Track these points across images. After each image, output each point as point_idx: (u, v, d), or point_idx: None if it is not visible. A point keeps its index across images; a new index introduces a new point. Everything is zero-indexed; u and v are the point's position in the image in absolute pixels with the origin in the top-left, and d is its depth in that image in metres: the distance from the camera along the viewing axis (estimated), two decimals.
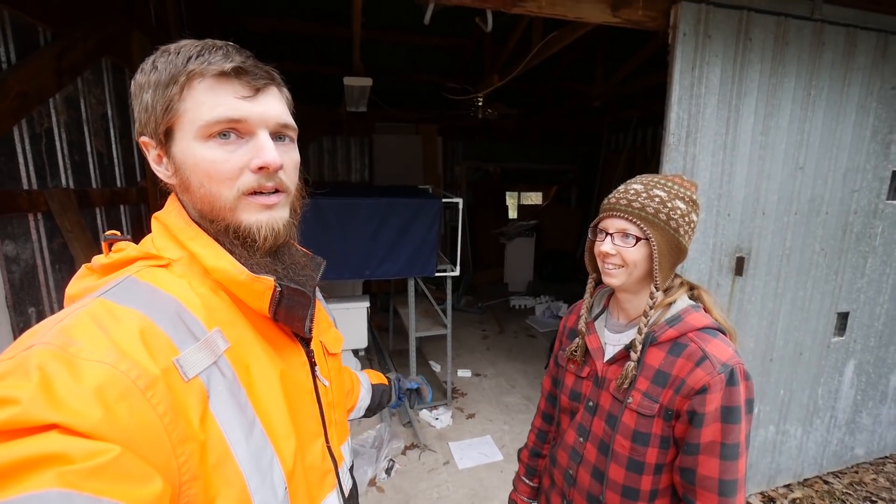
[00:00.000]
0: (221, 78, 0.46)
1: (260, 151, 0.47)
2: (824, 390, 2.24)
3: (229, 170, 0.46)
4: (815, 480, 2.33)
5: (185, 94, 0.45)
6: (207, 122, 0.45)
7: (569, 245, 6.13)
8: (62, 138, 1.67)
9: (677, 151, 1.76)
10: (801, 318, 2.10)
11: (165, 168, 0.49)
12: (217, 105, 0.45)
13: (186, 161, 0.47)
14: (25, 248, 1.51)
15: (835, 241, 2.07)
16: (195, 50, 0.46)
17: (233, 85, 0.46)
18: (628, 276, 0.78)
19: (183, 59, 0.46)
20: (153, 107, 0.46)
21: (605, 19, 1.71)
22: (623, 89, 3.77)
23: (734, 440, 0.70)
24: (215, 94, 0.46)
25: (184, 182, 0.48)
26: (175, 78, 0.45)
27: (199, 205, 0.49)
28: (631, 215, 0.76)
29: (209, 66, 0.45)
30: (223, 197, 0.47)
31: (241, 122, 0.46)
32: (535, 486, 1.07)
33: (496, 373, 3.59)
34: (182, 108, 0.46)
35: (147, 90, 0.47)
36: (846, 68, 1.91)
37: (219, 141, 0.46)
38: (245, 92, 0.47)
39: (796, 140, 1.91)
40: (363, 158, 5.21)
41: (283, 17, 3.28)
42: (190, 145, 0.46)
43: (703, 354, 0.73)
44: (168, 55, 0.47)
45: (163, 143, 0.48)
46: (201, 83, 0.45)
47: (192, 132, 0.46)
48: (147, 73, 0.47)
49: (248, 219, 0.49)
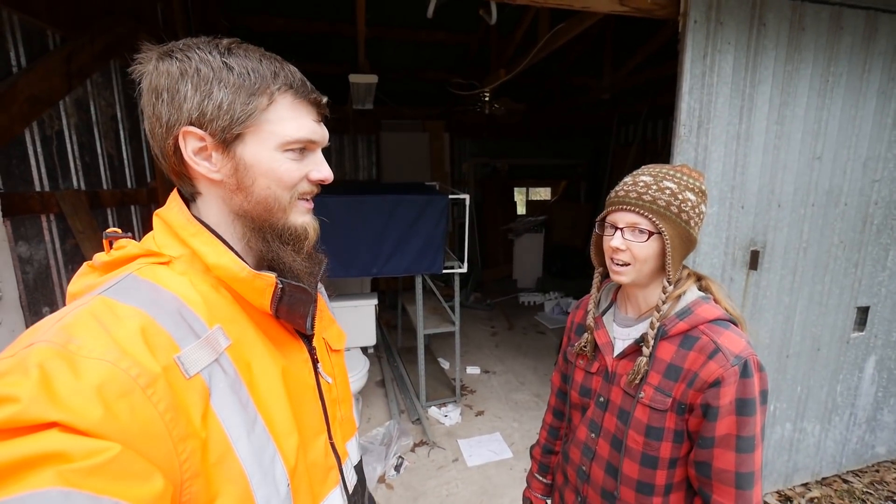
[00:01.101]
0: (301, 99, 0.51)
1: (320, 166, 0.54)
2: (843, 387, 2.18)
3: (297, 178, 0.52)
4: (833, 479, 2.27)
5: (271, 107, 0.49)
6: (294, 140, 0.50)
7: (578, 241, 6.07)
8: (73, 140, 1.70)
9: (689, 143, 1.72)
10: (819, 312, 2.04)
11: (212, 164, 0.48)
12: (302, 126, 0.51)
13: (259, 165, 0.49)
14: (39, 249, 1.54)
15: (854, 233, 2.00)
16: (277, 65, 0.50)
17: (309, 109, 0.52)
18: (637, 272, 0.76)
19: (270, 73, 0.49)
20: (230, 107, 0.47)
21: (613, 8, 1.67)
22: (632, 81, 3.70)
23: (750, 432, 0.69)
24: (297, 113, 0.51)
25: (243, 182, 0.49)
26: (263, 89, 0.48)
27: (254, 205, 0.50)
28: (642, 208, 0.74)
29: (299, 92, 0.50)
30: (282, 199, 0.51)
31: (314, 143, 0.53)
32: (549, 483, 1.06)
33: (505, 370, 3.58)
34: (264, 119, 0.48)
35: (219, 87, 0.46)
36: (866, 53, 1.84)
37: (293, 154, 0.51)
38: (318, 117, 0.54)
39: (813, 129, 1.85)
40: (370, 156, 5.22)
41: (289, 16, 3.29)
42: (269, 153, 0.49)
43: (716, 347, 0.71)
44: (238, 57, 0.48)
45: (227, 142, 0.48)
46: (285, 100, 0.50)
47: (273, 142, 0.49)
48: (216, 69, 0.46)
49: (296, 219, 0.53)
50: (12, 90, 1.37)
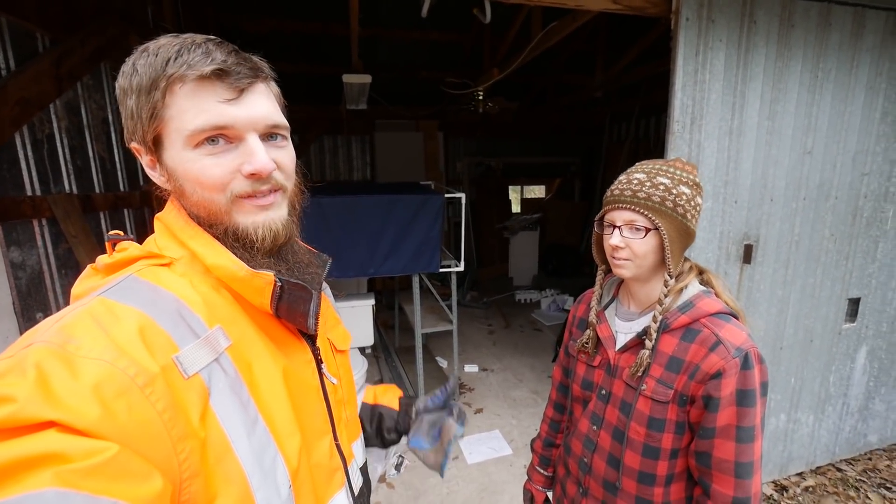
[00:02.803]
0: (203, 81, 0.43)
1: (250, 157, 0.46)
2: (836, 377, 2.21)
3: (220, 175, 0.45)
4: (827, 468, 2.31)
5: (168, 101, 0.44)
6: (193, 131, 0.44)
7: (573, 238, 6.10)
8: (64, 144, 1.68)
9: (682, 139, 1.74)
10: (812, 304, 2.07)
11: (160, 174, 0.49)
12: (201, 112, 0.43)
13: (177, 169, 0.46)
14: (31, 254, 1.52)
15: (844, 227, 2.04)
16: (173, 50, 0.44)
17: (215, 88, 0.44)
18: (638, 267, 0.78)
19: (162, 62, 0.43)
20: (138, 114, 0.45)
21: (606, 6, 1.68)
22: (625, 79, 3.73)
23: (750, 423, 0.71)
24: (198, 99, 0.44)
25: (178, 188, 0.47)
26: (156, 83, 0.43)
27: (196, 209, 0.48)
28: (637, 206, 0.75)
29: (189, 70, 0.43)
30: (216, 202, 0.46)
31: (227, 128, 0.45)
32: (550, 476, 1.07)
33: (503, 367, 3.59)
34: (167, 116, 0.44)
35: (130, 95, 0.45)
36: (854, 49, 1.87)
37: (207, 148, 0.45)
38: (228, 94, 0.45)
39: (804, 124, 1.88)
40: (364, 157, 5.20)
41: (282, 17, 3.27)
42: (179, 153, 0.45)
43: (717, 339, 0.73)
44: (147, 56, 0.45)
45: (153, 150, 0.47)
46: (182, 88, 0.43)
47: (179, 140, 0.44)
48: (128, 77, 0.45)
49: (244, 221, 0.48)
50: (2, 93, 1.35)
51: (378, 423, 0.80)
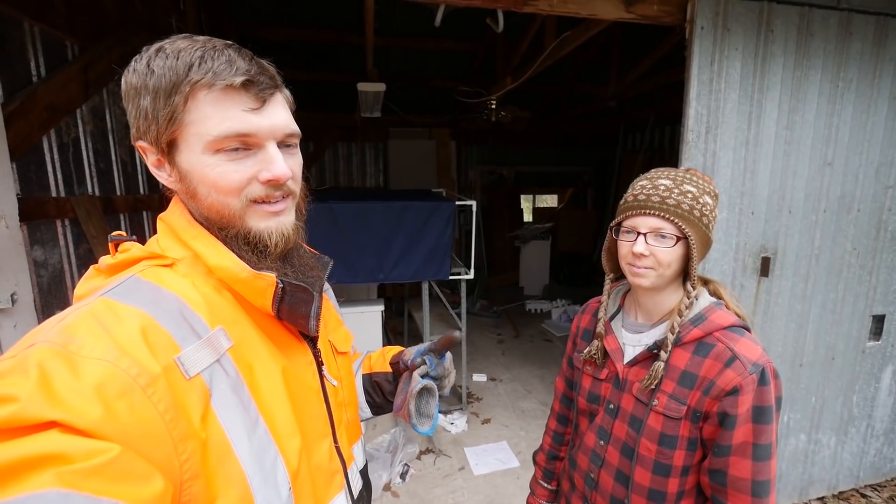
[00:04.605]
0: (228, 90, 0.44)
1: (270, 164, 0.47)
2: (860, 398, 2.12)
3: (239, 181, 0.46)
4: (851, 493, 2.21)
5: (189, 106, 0.44)
6: (216, 137, 0.44)
7: (585, 248, 6.04)
8: (88, 147, 1.74)
9: (696, 148, 1.71)
10: (833, 321, 2.00)
11: (168, 174, 0.48)
12: (225, 119, 0.44)
13: (193, 172, 0.46)
14: (53, 253, 1.57)
15: (868, 240, 1.97)
16: (196, 55, 0.44)
17: (241, 97, 0.45)
18: (660, 276, 0.75)
19: (184, 66, 0.43)
20: (154, 115, 0.44)
21: (619, 15, 1.68)
22: (639, 88, 3.70)
23: (767, 440, 0.69)
24: (222, 106, 0.44)
25: (190, 190, 0.47)
26: (177, 87, 0.43)
27: (207, 212, 0.48)
28: (667, 213, 0.72)
29: (216, 79, 0.43)
30: (231, 206, 0.47)
31: (250, 136, 0.46)
32: (554, 490, 1.05)
33: (512, 377, 3.55)
34: (187, 120, 0.44)
35: (144, 95, 0.45)
36: (877, 59, 1.82)
37: (228, 154, 0.45)
38: (253, 104, 0.46)
39: (824, 135, 1.83)
40: (378, 164, 5.26)
41: (299, 26, 3.36)
42: (198, 157, 0.45)
43: (733, 354, 0.70)
44: (165, 57, 0.44)
45: (165, 151, 0.47)
46: (207, 95, 0.44)
47: (199, 145, 0.45)
48: (142, 76, 0.45)
49: (257, 226, 0.49)
50: (32, 99, 1.41)
51: (380, 390, 0.77)
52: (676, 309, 0.75)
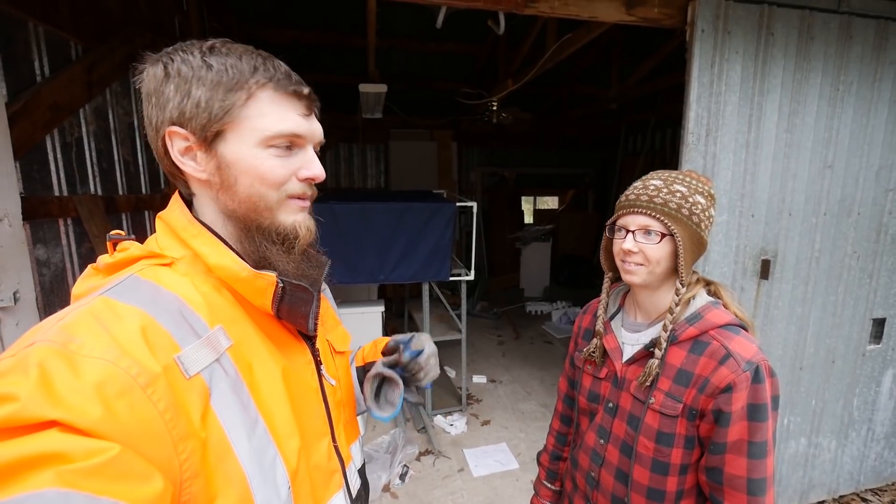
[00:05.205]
0: (288, 94, 0.49)
1: (310, 164, 0.52)
2: (860, 401, 2.12)
3: (283, 175, 0.50)
4: (851, 497, 2.20)
5: (249, 102, 0.47)
6: (274, 134, 0.48)
7: (586, 250, 6.03)
8: (91, 147, 1.75)
9: (697, 151, 1.72)
10: (833, 324, 2.00)
11: (197, 163, 0.48)
12: (284, 120, 0.49)
13: (240, 163, 0.48)
14: (56, 252, 1.58)
15: (868, 243, 1.97)
16: (258, 59, 0.49)
17: (296, 103, 0.50)
18: (649, 273, 0.76)
19: (249, 67, 0.47)
20: (207, 105, 0.46)
21: (620, 18, 1.69)
22: (640, 90, 3.71)
23: (761, 438, 0.69)
24: (280, 108, 0.49)
25: (227, 181, 0.48)
26: (241, 84, 0.47)
27: (239, 204, 0.49)
28: (653, 211, 0.75)
29: (281, 85, 0.48)
30: (268, 198, 0.50)
31: (300, 137, 0.51)
32: (558, 490, 1.05)
33: (512, 379, 3.54)
34: (244, 115, 0.47)
35: (198, 86, 0.46)
36: (877, 62, 1.83)
37: (277, 150, 0.49)
38: (306, 111, 0.51)
39: (824, 137, 1.83)
40: (379, 165, 5.27)
41: (302, 28, 3.37)
42: (249, 149, 0.48)
43: (727, 352, 0.71)
44: (220, 55, 0.47)
45: (208, 140, 0.47)
46: (266, 94, 0.48)
47: (253, 139, 0.48)
48: (195, 68, 0.46)
49: (287, 219, 0.52)
50: (36, 98, 1.42)
51: None
52: (669, 307, 0.76)
